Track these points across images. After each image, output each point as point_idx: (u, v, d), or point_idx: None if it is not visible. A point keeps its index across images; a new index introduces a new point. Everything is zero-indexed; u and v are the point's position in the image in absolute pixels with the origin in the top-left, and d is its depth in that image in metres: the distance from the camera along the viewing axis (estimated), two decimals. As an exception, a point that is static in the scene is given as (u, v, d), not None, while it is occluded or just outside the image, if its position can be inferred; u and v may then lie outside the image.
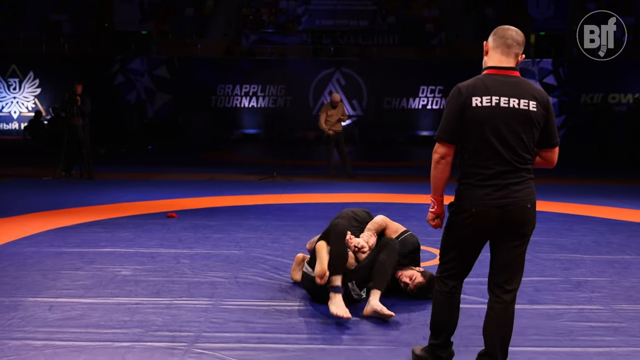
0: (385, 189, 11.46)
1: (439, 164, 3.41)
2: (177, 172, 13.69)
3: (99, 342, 4.06)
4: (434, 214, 3.56)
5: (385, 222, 5.28)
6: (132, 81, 24.24)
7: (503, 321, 3.46)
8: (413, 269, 5.13)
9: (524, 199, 3.35)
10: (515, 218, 3.34)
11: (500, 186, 3.32)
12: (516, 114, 3.32)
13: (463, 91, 3.37)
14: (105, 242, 6.89)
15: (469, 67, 25.66)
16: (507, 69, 3.42)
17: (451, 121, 3.37)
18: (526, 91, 3.36)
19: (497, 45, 3.43)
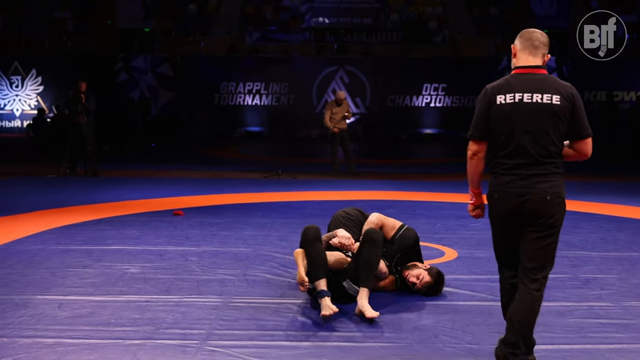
0: (391, 186, 11.45)
1: (471, 159, 3.71)
2: (182, 170, 13.69)
3: (110, 340, 4.06)
4: (472, 205, 3.87)
5: (381, 220, 5.26)
6: (135, 79, 24.20)
7: (525, 307, 3.56)
8: (419, 267, 5.10)
9: (545, 191, 3.52)
10: (534, 209, 3.51)
11: (522, 176, 3.54)
12: (540, 109, 3.53)
13: (488, 91, 3.64)
14: (112, 239, 6.89)
15: (473, 65, 25.79)
16: (533, 68, 3.62)
17: (479, 120, 3.65)
18: (550, 86, 3.57)
19: (525, 47, 3.65)
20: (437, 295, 5.05)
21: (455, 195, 10.41)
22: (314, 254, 4.67)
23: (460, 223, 8.07)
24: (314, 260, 4.65)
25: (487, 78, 21.76)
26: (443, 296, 5.05)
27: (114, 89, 23.56)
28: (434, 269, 5.13)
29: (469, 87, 24.22)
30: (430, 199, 10.08)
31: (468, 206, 3.88)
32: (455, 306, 4.83)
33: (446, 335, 4.22)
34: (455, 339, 4.16)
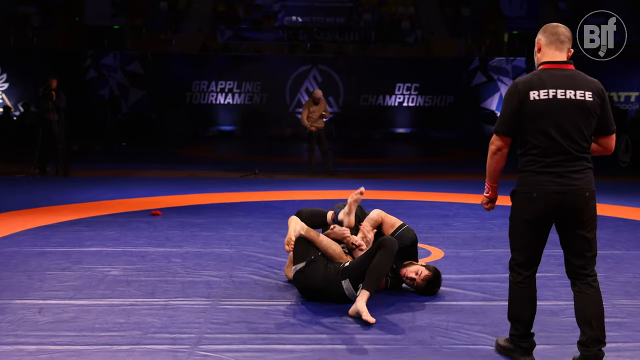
0: (369, 186, 11.27)
1: (495, 154, 3.65)
2: (156, 169, 13.46)
3: (97, 346, 3.90)
4: (487, 198, 3.84)
5: (382, 217, 5.19)
6: (104, 76, 23.83)
7: (595, 300, 3.58)
8: (416, 264, 5.04)
9: (583, 187, 3.52)
10: (574, 205, 3.50)
11: (559, 174, 3.50)
12: (573, 105, 3.51)
13: (520, 87, 3.55)
14: (90, 241, 6.70)
15: (445, 65, 25.89)
16: (562, 63, 3.60)
17: (510, 116, 3.57)
18: (581, 82, 3.57)
19: (551, 42, 3.62)
20: (434, 293, 4.98)
21: (434, 195, 10.39)
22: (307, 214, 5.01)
23: (443, 222, 8.03)
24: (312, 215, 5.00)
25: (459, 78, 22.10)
26: (436, 296, 4.98)
27: (83, 86, 23.15)
28: (430, 265, 5.08)
29: (442, 87, 24.34)
30: (409, 198, 10.03)
31: (482, 198, 3.84)
32: (448, 306, 4.75)
33: (442, 337, 4.15)
34: (452, 340, 4.09)
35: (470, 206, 9.30)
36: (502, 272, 5.67)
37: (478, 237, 7.18)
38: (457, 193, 10.61)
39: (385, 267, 4.61)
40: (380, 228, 5.18)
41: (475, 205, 9.40)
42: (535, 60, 3.71)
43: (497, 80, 24.58)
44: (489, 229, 7.64)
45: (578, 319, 3.62)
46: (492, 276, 5.57)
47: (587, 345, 3.55)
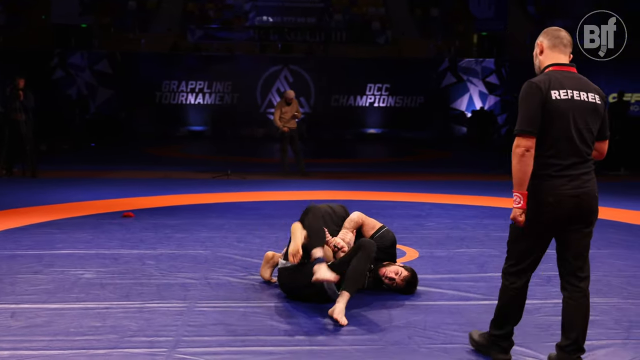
0: (341, 186, 11.40)
1: (523, 157, 3.41)
2: (126, 170, 13.32)
3: (72, 350, 3.84)
4: (521, 209, 3.46)
5: (362, 219, 5.22)
6: (72, 76, 23.53)
7: (584, 310, 3.60)
8: (394, 264, 5.08)
9: (593, 189, 3.52)
10: (586, 207, 3.49)
11: (573, 177, 3.46)
12: (587, 107, 3.51)
13: (541, 85, 3.47)
14: (61, 243, 6.60)
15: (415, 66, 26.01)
16: (568, 66, 3.61)
17: (534, 114, 3.44)
18: (589, 85, 3.58)
19: (555, 45, 3.62)
20: (412, 292, 5.01)
21: (406, 195, 10.43)
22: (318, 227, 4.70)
23: (416, 222, 8.07)
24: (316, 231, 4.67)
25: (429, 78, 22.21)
26: (412, 296, 5.00)
27: (50, 86, 22.82)
28: (407, 266, 5.14)
29: (412, 87, 24.48)
30: (382, 199, 10.06)
31: (514, 211, 3.47)
32: (425, 306, 4.78)
33: (420, 336, 4.17)
34: (429, 340, 4.11)
35: (442, 206, 9.36)
36: (477, 272, 5.75)
37: (451, 237, 7.23)
38: (429, 193, 10.68)
39: (364, 269, 4.64)
40: (361, 230, 5.20)
41: (448, 205, 9.48)
42: (536, 63, 3.68)
43: (467, 81, 24.79)
44: (462, 229, 7.70)
45: (564, 324, 3.61)
46: (466, 276, 5.62)
47: (567, 352, 3.58)
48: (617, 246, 6.88)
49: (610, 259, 6.28)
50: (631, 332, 4.31)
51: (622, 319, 4.55)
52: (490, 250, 6.56)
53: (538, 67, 3.67)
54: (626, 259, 6.31)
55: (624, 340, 4.17)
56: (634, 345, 4.07)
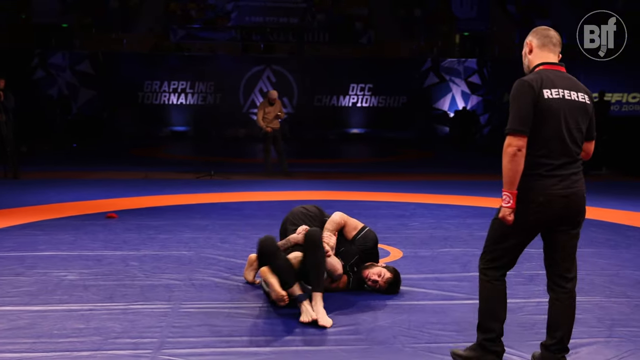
0: (325, 186, 11.41)
1: (515, 156, 3.38)
2: (109, 171, 13.24)
3: (56, 352, 3.82)
4: (510, 209, 3.44)
5: (344, 220, 5.20)
6: (53, 76, 23.36)
7: (570, 310, 3.61)
8: (377, 266, 5.09)
9: (582, 189, 3.52)
10: (575, 207, 3.49)
11: (564, 176, 3.45)
12: (578, 107, 3.50)
13: (534, 84, 3.44)
14: (44, 245, 6.55)
15: (397, 66, 26.04)
16: (558, 65, 3.59)
17: (526, 113, 3.41)
18: (579, 85, 3.59)
19: (544, 44, 3.60)
20: (395, 293, 5.03)
21: (390, 195, 10.46)
22: (280, 266, 4.55)
23: (400, 222, 8.09)
24: (284, 271, 4.53)
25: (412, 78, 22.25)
26: (397, 296, 5.02)
27: (30, 86, 22.64)
28: (390, 266, 5.14)
29: (395, 87, 24.54)
30: (365, 199, 10.08)
31: (503, 211, 3.44)
32: (409, 306, 4.79)
33: (404, 336, 4.18)
34: (414, 339, 4.12)
35: (426, 206, 9.40)
36: (460, 272, 5.77)
37: (435, 236, 7.25)
38: (412, 193, 10.71)
39: (321, 260, 4.59)
40: (342, 231, 5.19)
41: (431, 205, 9.51)
42: (525, 62, 3.65)
43: (449, 81, 24.89)
44: (445, 228, 7.73)
45: (550, 324, 3.62)
46: (450, 275, 5.64)
47: (551, 351, 3.59)
48: (600, 245, 6.94)
49: (594, 258, 6.33)
50: (614, 330, 4.35)
51: (605, 318, 4.59)
52: (474, 249, 6.59)
53: (527, 66, 3.64)
54: (609, 258, 6.36)
55: (606, 338, 4.21)
56: (617, 343, 4.11)
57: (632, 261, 6.26)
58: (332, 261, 4.90)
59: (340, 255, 5.08)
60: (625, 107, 24.79)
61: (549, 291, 3.65)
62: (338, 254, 5.09)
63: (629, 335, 4.24)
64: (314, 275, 4.55)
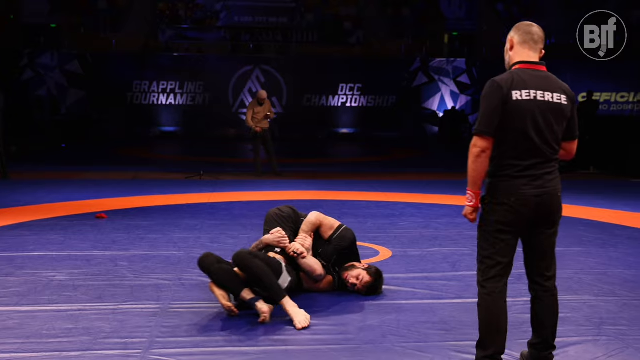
0: (315, 186, 11.42)
1: (479, 157, 3.40)
2: (98, 171, 13.20)
3: (45, 353, 3.82)
4: (472, 208, 3.50)
5: (320, 220, 5.18)
6: (42, 76, 23.26)
7: (552, 308, 3.59)
8: (357, 267, 5.06)
9: (556, 188, 3.49)
10: (549, 207, 3.45)
11: (535, 177, 3.42)
12: (551, 108, 3.44)
13: (503, 85, 3.41)
14: (33, 245, 6.54)
15: (387, 65, 26.06)
16: (537, 64, 3.53)
17: (493, 115, 3.39)
18: (556, 85, 3.50)
19: (525, 41, 3.53)
20: (378, 294, 5.03)
21: (379, 194, 10.48)
22: (221, 277, 4.51)
23: (389, 222, 8.11)
24: (225, 280, 4.50)
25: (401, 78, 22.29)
26: (385, 296, 5.03)
27: (19, 86, 22.55)
28: (372, 268, 5.09)
29: (384, 87, 24.57)
30: (355, 198, 10.10)
31: (466, 209, 3.52)
32: (398, 305, 4.81)
33: (393, 335, 4.20)
34: (403, 338, 4.14)
35: (415, 205, 9.42)
36: (450, 271, 5.80)
37: (425, 236, 7.28)
38: (402, 192, 10.74)
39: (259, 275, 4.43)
40: (319, 231, 5.17)
41: (421, 204, 9.54)
42: (506, 59, 3.61)
43: (438, 80, 24.95)
44: (434, 228, 7.76)
45: (533, 323, 3.63)
46: (439, 274, 5.67)
47: (538, 349, 3.61)
48: (588, 244, 6.98)
49: (582, 257, 6.37)
50: (602, 329, 4.38)
51: (594, 316, 4.62)
52: (463, 249, 6.63)
53: (508, 63, 3.60)
54: (597, 257, 6.41)
55: (595, 337, 4.23)
56: (605, 342, 4.14)
57: (620, 260, 6.30)
58: (309, 262, 4.90)
59: (319, 256, 5.08)
60: (614, 106, 24.93)
61: (530, 291, 3.64)
62: (317, 254, 5.09)
63: (617, 334, 4.27)
64: (263, 288, 4.48)
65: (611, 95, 24.84)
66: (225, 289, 4.51)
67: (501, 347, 3.51)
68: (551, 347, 3.62)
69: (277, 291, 4.47)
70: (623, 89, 24.90)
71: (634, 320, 4.53)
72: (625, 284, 5.44)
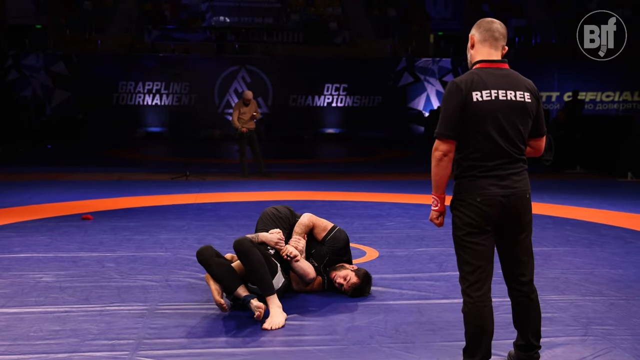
0: (301, 186, 11.41)
1: (441, 161, 3.38)
2: (84, 172, 13.13)
3: (33, 355, 3.80)
4: (438, 212, 3.50)
5: (312, 222, 5.17)
6: (27, 77, 23.11)
7: (531, 311, 3.55)
8: (346, 268, 5.07)
9: (524, 189, 3.41)
10: (517, 208, 3.37)
11: (501, 177, 3.35)
12: (514, 107, 3.37)
13: (462, 86, 3.34)
14: (19, 246, 6.50)
15: (372, 65, 26.06)
16: (498, 62, 3.45)
17: (452, 117, 3.33)
18: (519, 83, 3.42)
19: (485, 39, 3.45)
20: (365, 296, 5.03)
21: (365, 195, 10.49)
22: (217, 271, 4.53)
23: (376, 222, 8.12)
24: (222, 274, 4.52)
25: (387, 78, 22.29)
26: (373, 296, 5.04)
27: (4, 87, 22.38)
28: (361, 270, 5.09)
29: (370, 87, 24.59)
30: (342, 199, 10.10)
31: (431, 213, 3.52)
32: (385, 306, 4.82)
33: (381, 335, 4.21)
34: (390, 339, 4.15)
35: (401, 206, 9.44)
36: (436, 271, 5.82)
37: (411, 236, 7.29)
38: (388, 193, 10.75)
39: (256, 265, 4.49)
40: (312, 233, 5.18)
41: (407, 204, 9.56)
42: (468, 57, 3.52)
43: (424, 80, 25.01)
44: (421, 228, 7.78)
45: (516, 325, 3.61)
46: (426, 275, 5.68)
47: (523, 350, 3.61)
48: (574, 244, 7.01)
49: (568, 257, 6.40)
50: (589, 328, 4.40)
51: (580, 316, 4.64)
52: (450, 249, 6.55)
53: (469, 61, 3.51)
54: (584, 257, 6.43)
55: (582, 337, 4.25)
56: (592, 342, 4.15)
57: (607, 259, 6.33)
58: (302, 265, 4.90)
59: (311, 257, 5.09)
60: (600, 105, 25.09)
61: (509, 294, 3.59)
62: (310, 255, 5.10)
63: (605, 334, 4.29)
64: (255, 280, 4.52)
65: (597, 95, 25.00)
66: (221, 283, 4.52)
67: (487, 353, 3.48)
68: (536, 347, 3.60)
69: (268, 285, 4.49)
70: (608, 88, 25.07)
71: (620, 320, 4.56)
72: (611, 284, 5.47)
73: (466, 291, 3.43)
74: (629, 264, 6.16)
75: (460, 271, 3.48)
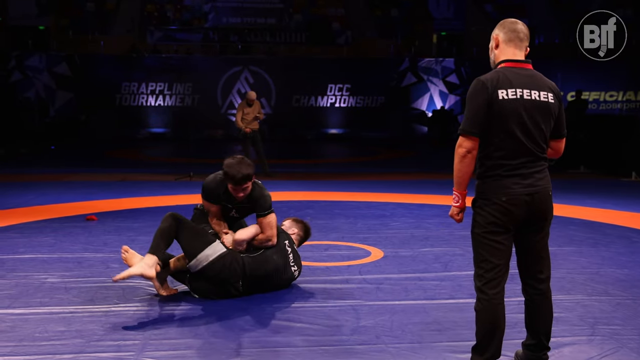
0: (305, 186, 11.40)
1: (465, 157, 3.38)
2: (87, 173, 13.14)
3: (39, 356, 3.79)
4: (458, 208, 3.51)
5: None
6: (30, 78, 23.15)
7: (546, 310, 3.56)
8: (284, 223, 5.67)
9: (547, 187, 3.44)
10: (540, 206, 3.41)
11: (525, 175, 3.37)
12: (538, 106, 3.39)
13: (488, 84, 3.36)
14: (24, 247, 6.49)
15: (375, 66, 26.08)
16: (522, 62, 3.48)
17: (478, 114, 3.35)
18: (543, 83, 3.45)
19: (510, 39, 3.48)
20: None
21: (369, 195, 10.48)
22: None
23: (380, 222, 8.10)
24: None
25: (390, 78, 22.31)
26: (378, 296, 5.02)
27: (7, 89, 22.43)
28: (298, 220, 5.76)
29: (373, 88, 24.60)
30: (345, 199, 10.09)
31: (452, 209, 3.52)
32: (391, 306, 4.80)
33: (387, 336, 4.19)
34: (396, 339, 4.14)
35: (406, 206, 9.42)
36: (442, 271, 5.80)
37: (416, 236, 7.28)
38: (392, 193, 10.74)
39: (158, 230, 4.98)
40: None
41: (411, 204, 9.55)
42: (491, 57, 3.56)
43: (427, 80, 25.01)
44: (426, 228, 7.76)
45: (527, 324, 3.61)
46: (432, 275, 5.66)
47: (532, 350, 3.60)
48: (580, 243, 6.99)
49: (574, 256, 6.38)
50: (596, 328, 4.38)
51: (587, 316, 4.62)
52: (455, 249, 6.63)
53: (493, 61, 3.55)
54: (589, 256, 6.41)
55: (589, 336, 4.24)
56: (599, 342, 4.14)
57: (613, 259, 6.31)
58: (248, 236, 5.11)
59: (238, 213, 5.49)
60: (603, 105, 25.08)
61: (523, 293, 3.60)
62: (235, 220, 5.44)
63: (611, 334, 4.27)
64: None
65: (600, 95, 24.99)
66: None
67: (497, 352, 3.48)
68: (545, 349, 3.60)
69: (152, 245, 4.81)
70: (612, 88, 25.05)
71: (627, 320, 4.54)
72: (617, 283, 5.45)
73: (482, 289, 3.44)
74: (634, 263, 6.14)
75: (477, 269, 3.49)
